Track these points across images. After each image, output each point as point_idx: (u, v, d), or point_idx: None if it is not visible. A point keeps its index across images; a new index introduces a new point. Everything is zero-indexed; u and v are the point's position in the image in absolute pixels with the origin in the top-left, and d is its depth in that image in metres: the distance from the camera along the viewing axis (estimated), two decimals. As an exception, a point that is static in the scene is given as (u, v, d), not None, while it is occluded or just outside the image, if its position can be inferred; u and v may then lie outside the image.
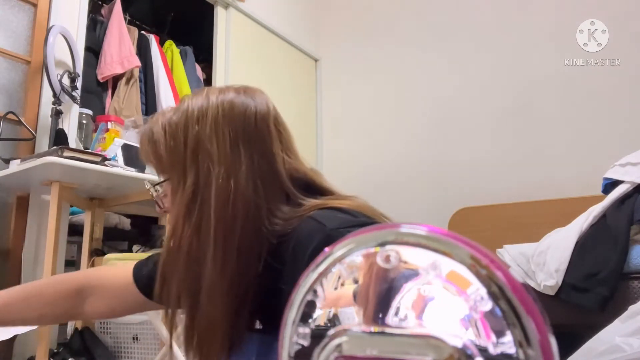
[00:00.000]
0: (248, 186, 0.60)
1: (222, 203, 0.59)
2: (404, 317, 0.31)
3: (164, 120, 0.64)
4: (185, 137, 0.62)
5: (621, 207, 1.54)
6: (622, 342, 1.00)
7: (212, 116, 0.62)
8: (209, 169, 0.61)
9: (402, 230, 0.32)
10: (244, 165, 0.61)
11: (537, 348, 0.26)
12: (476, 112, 2.80)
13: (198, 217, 0.60)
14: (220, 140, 0.62)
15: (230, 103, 0.64)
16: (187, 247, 0.60)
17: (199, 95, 0.66)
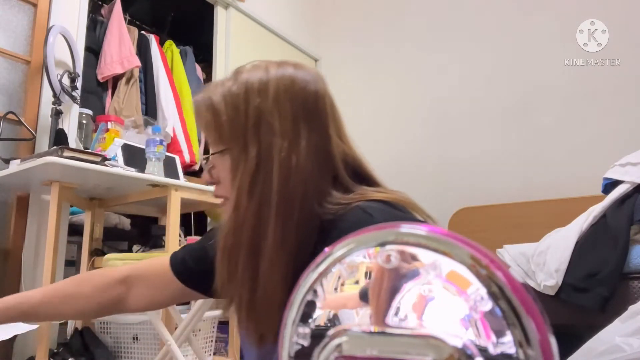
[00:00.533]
0: (307, 164, 0.61)
1: (284, 178, 0.60)
2: (404, 317, 0.31)
3: (224, 90, 0.64)
4: (247, 108, 0.62)
5: (621, 207, 1.54)
6: (622, 342, 0.99)
7: (273, 89, 0.62)
8: (271, 143, 0.61)
9: (402, 230, 0.32)
10: (303, 141, 0.62)
11: (537, 348, 0.26)
12: (476, 112, 2.80)
13: (261, 191, 0.60)
14: (282, 115, 0.62)
15: (290, 78, 0.64)
16: (251, 220, 0.60)
17: (257, 67, 0.65)
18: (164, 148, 1.78)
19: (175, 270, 0.79)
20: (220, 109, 0.63)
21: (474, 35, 2.89)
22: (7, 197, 1.83)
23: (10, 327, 0.84)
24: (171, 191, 1.65)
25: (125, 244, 2.23)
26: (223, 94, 0.64)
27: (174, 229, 1.64)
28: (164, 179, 1.69)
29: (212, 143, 0.66)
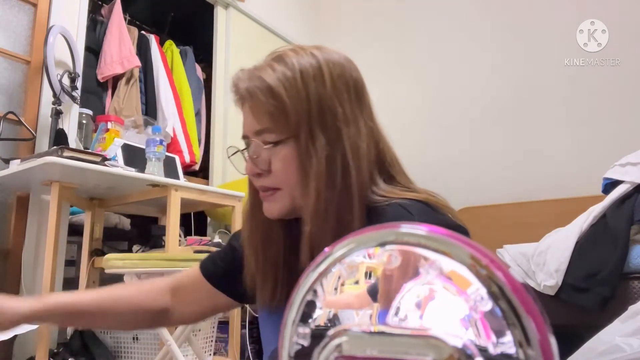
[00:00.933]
0: (370, 149, 0.62)
1: (357, 164, 0.60)
2: (404, 317, 0.31)
3: (278, 75, 0.60)
4: (307, 94, 0.60)
5: (621, 207, 1.54)
6: (622, 342, 0.99)
7: (327, 75, 0.61)
8: (339, 129, 0.60)
9: (402, 230, 0.32)
10: (362, 127, 0.62)
11: (537, 348, 0.26)
12: (476, 113, 2.80)
13: (341, 178, 0.59)
14: (342, 100, 0.61)
15: (339, 64, 0.64)
16: (335, 207, 0.59)
17: (300, 52, 0.63)
18: (164, 148, 1.78)
19: (205, 273, 0.78)
20: (281, 93, 0.60)
21: (474, 36, 2.89)
22: (7, 197, 1.83)
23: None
24: (171, 191, 1.65)
25: (125, 244, 2.23)
26: (279, 78, 0.60)
27: (174, 229, 1.64)
28: (164, 179, 1.69)
29: (263, 132, 0.62)
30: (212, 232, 2.51)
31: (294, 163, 0.61)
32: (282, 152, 0.62)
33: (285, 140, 0.61)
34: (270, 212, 0.66)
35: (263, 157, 0.63)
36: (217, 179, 2.65)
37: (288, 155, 0.61)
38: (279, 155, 0.62)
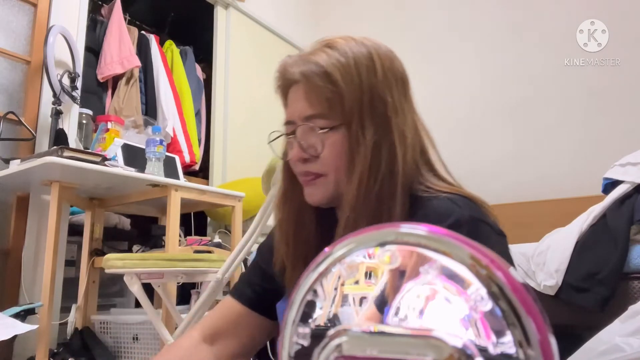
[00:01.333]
0: (415, 139, 0.64)
1: (404, 153, 0.61)
2: (404, 317, 0.31)
3: (334, 61, 0.61)
4: (360, 82, 0.61)
5: (621, 207, 1.54)
6: (622, 342, 0.99)
7: (379, 65, 0.63)
8: (388, 118, 0.61)
9: (401, 230, 0.32)
10: (408, 117, 0.64)
11: (537, 348, 0.26)
12: (475, 113, 2.80)
13: (387, 162, 0.60)
14: (392, 91, 0.63)
15: (388, 57, 0.65)
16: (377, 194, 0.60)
17: (350, 40, 0.64)
18: (164, 148, 1.78)
19: (245, 300, 0.75)
20: (337, 79, 0.60)
21: (474, 36, 2.89)
22: (7, 197, 1.83)
23: (10, 327, 0.83)
24: (171, 191, 1.65)
25: (125, 244, 2.23)
26: (334, 64, 0.61)
27: (174, 229, 1.64)
28: (164, 179, 1.69)
29: (315, 117, 0.63)
30: (212, 232, 2.51)
31: (344, 149, 0.62)
32: (332, 137, 0.62)
33: (337, 127, 0.62)
34: (313, 198, 0.66)
35: (312, 143, 0.63)
36: (217, 179, 2.65)
37: (338, 141, 0.62)
38: (329, 140, 0.62)
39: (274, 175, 1.05)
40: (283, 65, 0.67)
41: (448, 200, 0.59)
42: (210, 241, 2.12)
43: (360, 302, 0.33)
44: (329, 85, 0.61)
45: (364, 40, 0.65)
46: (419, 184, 0.63)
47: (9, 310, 1.35)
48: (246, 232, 1.18)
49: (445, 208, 0.58)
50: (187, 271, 1.32)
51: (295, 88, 0.66)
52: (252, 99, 2.97)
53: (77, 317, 1.77)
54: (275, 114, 2.92)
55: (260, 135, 2.95)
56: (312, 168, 0.64)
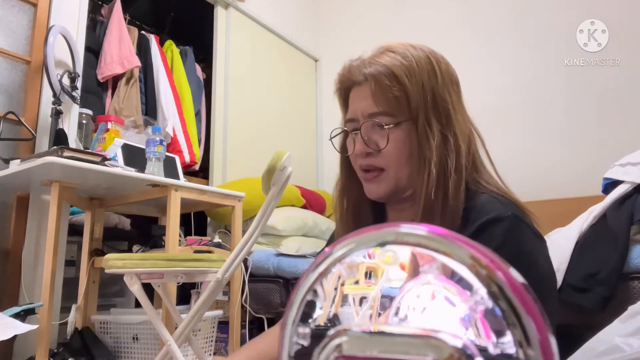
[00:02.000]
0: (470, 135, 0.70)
1: (467, 146, 0.67)
2: (404, 317, 0.31)
3: (398, 64, 0.67)
4: (423, 82, 0.66)
5: (621, 207, 1.54)
6: (622, 342, 0.99)
7: (437, 68, 0.69)
8: (450, 115, 0.67)
9: (402, 230, 0.32)
10: (465, 114, 0.71)
11: (537, 348, 0.26)
12: (475, 112, 2.79)
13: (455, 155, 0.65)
14: (450, 91, 0.69)
15: (444, 62, 0.71)
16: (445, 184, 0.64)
17: (408, 46, 0.71)
18: (164, 148, 1.78)
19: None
20: (404, 80, 0.66)
21: (473, 36, 2.89)
22: (7, 197, 1.83)
23: (10, 327, 0.83)
24: (171, 191, 1.65)
25: (125, 244, 2.23)
26: (399, 66, 0.67)
27: (174, 229, 1.64)
28: (164, 179, 1.69)
29: (382, 114, 0.67)
30: (212, 232, 2.51)
31: (408, 144, 0.67)
32: (396, 133, 0.67)
33: (402, 123, 0.67)
34: (374, 193, 0.71)
35: (374, 138, 0.68)
36: (217, 179, 2.65)
37: (401, 137, 0.67)
38: (393, 135, 0.67)
39: (274, 175, 1.05)
40: (347, 68, 0.73)
41: (494, 198, 0.64)
42: (210, 241, 2.13)
43: (360, 302, 0.33)
44: (396, 84, 0.66)
45: (421, 46, 0.72)
46: (473, 180, 0.69)
47: (9, 310, 1.35)
48: (246, 232, 1.17)
49: (490, 203, 0.63)
50: (187, 271, 1.32)
51: (358, 89, 0.71)
52: (252, 99, 2.97)
53: (77, 317, 1.77)
54: (275, 114, 2.94)
55: (260, 135, 2.95)
56: (374, 162, 0.69)
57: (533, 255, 0.62)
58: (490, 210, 0.62)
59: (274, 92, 3.16)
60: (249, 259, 2.16)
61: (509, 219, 0.60)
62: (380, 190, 0.70)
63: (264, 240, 2.34)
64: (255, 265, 2.14)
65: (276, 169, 1.01)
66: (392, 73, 0.66)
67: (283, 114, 3.18)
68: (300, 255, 2.10)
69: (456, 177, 0.65)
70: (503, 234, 0.60)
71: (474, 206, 0.64)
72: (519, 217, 0.62)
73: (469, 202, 0.65)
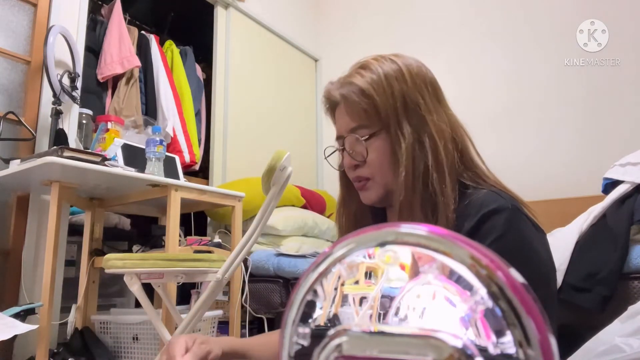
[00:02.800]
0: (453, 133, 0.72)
1: (442, 143, 0.70)
2: (404, 317, 0.31)
3: (367, 80, 0.72)
4: (392, 92, 0.71)
5: (621, 207, 1.54)
6: (621, 342, 0.99)
7: (407, 74, 0.72)
8: (422, 118, 0.70)
9: (401, 230, 0.32)
10: (442, 112, 0.73)
11: (537, 348, 0.26)
12: (475, 113, 2.80)
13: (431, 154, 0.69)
14: (422, 93, 0.72)
15: (416, 66, 0.75)
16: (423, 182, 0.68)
17: (381, 60, 0.74)
18: (164, 148, 1.78)
19: None
20: (372, 94, 0.71)
21: (473, 36, 2.89)
22: (7, 197, 1.83)
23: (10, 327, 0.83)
24: (171, 191, 1.65)
25: (125, 244, 2.23)
26: (368, 82, 0.72)
27: (174, 229, 1.64)
28: (164, 179, 1.69)
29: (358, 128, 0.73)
30: (212, 232, 2.51)
31: (387, 151, 0.72)
32: (375, 143, 0.72)
33: (377, 133, 0.72)
34: (367, 199, 0.76)
35: (358, 150, 0.74)
36: (217, 179, 2.65)
37: (380, 145, 0.72)
38: (373, 146, 0.73)
39: (274, 175, 1.05)
40: (327, 91, 0.78)
41: (492, 192, 0.67)
42: (210, 241, 2.13)
43: (360, 302, 0.33)
44: (364, 99, 0.71)
45: (393, 56, 0.75)
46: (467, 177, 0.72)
47: (9, 310, 1.35)
48: (246, 232, 1.17)
49: (490, 196, 0.66)
50: (187, 271, 1.32)
51: (338, 108, 0.77)
52: (252, 99, 2.97)
53: (77, 317, 1.77)
54: (275, 114, 2.94)
55: (260, 135, 2.95)
56: (362, 173, 0.75)
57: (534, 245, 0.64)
58: (491, 202, 0.64)
59: (274, 92, 3.16)
60: (249, 259, 2.16)
61: (510, 210, 0.63)
62: (372, 197, 0.76)
63: (264, 240, 2.34)
64: (255, 265, 2.14)
65: (276, 169, 1.01)
66: (360, 89, 0.71)
67: (283, 114, 3.18)
68: (300, 255, 2.10)
69: (438, 175, 0.68)
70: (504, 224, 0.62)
71: (475, 200, 0.66)
72: (519, 209, 0.65)
73: (469, 197, 0.67)
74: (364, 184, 0.76)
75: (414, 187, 0.68)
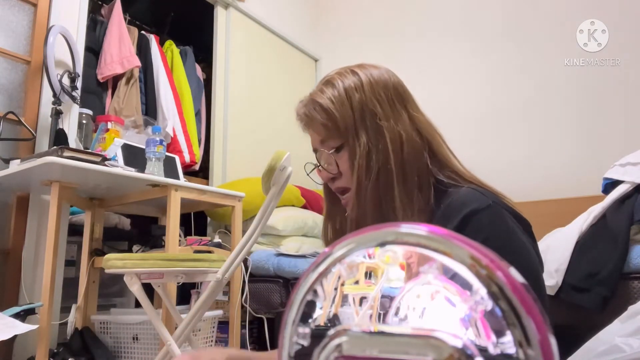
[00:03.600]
0: (413, 135, 0.73)
1: (399, 148, 0.71)
2: (404, 317, 0.31)
3: (327, 96, 0.75)
4: (351, 104, 0.73)
5: (621, 207, 1.54)
6: (621, 342, 0.99)
7: (366, 84, 0.74)
8: (378, 125, 0.72)
9: (402, 230, 0.32)
10: (404, 118, 0.74)
11: (537, 348, 0.26)
12: (475, 113, 2.80)
13: (380, 164, 0.71)
14: (381, 101, 0.74)
15: (377, 73, 0.76)
16: (374, 191, 0.70)
17: (343, 74, 0.77)
18: (164, 148, 1.78)
19: None
20: (330, 108, 0.74)
21: (473, 37, 2.89)
22: (7, 197, 1.83)
23: (10, 327, 0.83)
24: (171, 191, 1.65)
25: (125, 244, 2.23)
26: (328, 97, 0.75)
27: (174, 229, 1.64)
28: (164, 179, 1.69)
29: (325, 142, 0.76)
30: (212, 232, 2.51)
31: (349, 162, 0.74)
32: (342, 156, 0.75)
33: (342, 145, 0.75)
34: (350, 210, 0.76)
35: (331, 163, 0.77)
36: (217, 179, 2.65)
37: (346, 157, 0.74)
38: (341, 159, 0.75)
39: (274, 175, 1.05)
40: (296, 111, 0.81)
41: (471, 190, 0.68)
42: (210, 241, 2.13)
43: (360, 302, 0.33)
44: (324, 115, 0.74)
45: (356, 67, 0.77)
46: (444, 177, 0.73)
47: (9, 310, 1.35)
48: (246, 232, 1.18)
49: (469, 195, 0.66)
50: (187, 271, 1.32)
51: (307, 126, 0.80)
52: (252, 99, 2.97)
53: (77, 317, 1.77)
54: (275, 114, 2.95)
55: (260, 135, 2.95)
56: (340, 184, 0.77)
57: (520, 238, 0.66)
58: (471, 202, 0.65)
59: (274, 92, 3.16)
60: (249, 259, 2.16)
61: (491, 208, 0.64)
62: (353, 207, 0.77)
63: (264, 240, 2.34)
64: (255, 265, 2.14)
65: (276, 169, 1.01)
66: (320, 105, 0.75)
67: (283, 114, 3.18)
68: (300, 255, 2.10)
69: (387, 178, 0.70)
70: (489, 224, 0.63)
71: (456, 200, 0.67)
72: (499, 205, 0.66)
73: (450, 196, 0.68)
74: (344, 195, 0.77)
75: (364, 194, 0.71)
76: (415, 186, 0.70)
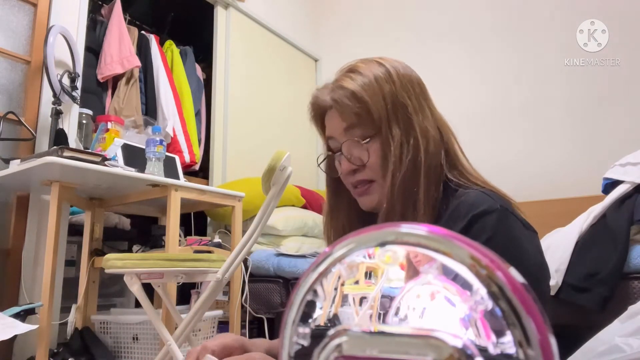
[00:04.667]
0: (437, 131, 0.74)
1: (425, 143, 0.71)
2: (404, 317, 0.31)
3: (358, 83, 0.72)
4: (383, 94, 0.71)
5: (621, 207, 1.54)
6: (621, 342, 0.99)
7: (395, 76, 0.73)
8: (409, 118, 0.72)
9: (402, 230, 0.32)
10: (429, 113, 0.74)
11: (537, 348, 0.26)
12: (475, 113, 2.80)
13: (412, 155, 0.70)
14: (410, 94, 0.73)
15: (402, 66, 0.76)
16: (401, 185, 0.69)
17: (369, 63, 0.75)
18: (164, 148, 1.78)
19: None
20: (364, 97, 0.71)
21: (473, 37, 2.89)
22: (7, 197, 1.83)
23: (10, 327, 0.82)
24: (171, 191, 1.65)
25: (125, 244, 2.23)
26: (359, 85, 0.72)
27: (174, 229, 1.64)
28: (164, 179, 1.69)
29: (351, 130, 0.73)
30: (212, 232, 2.51)
31: (384, 154, 0.72)
32: (374, 145, 0.72)
33: (374, 136, 0.72)
34: (368, 204, 0.75)
35: (356, 154, 0.74)
36: (217, 179, 2.65)
37: (379, 147, 0.72)
38: (372, 148, 0.73)
39: (274, 175, 1.05)
40: (315, 97, 0.78)
41: (481, 192, 0.67)
42: (210, 241, 2.13)
43: (360, 302, 0.33)
44: (357, 103, 0.71)
45: (379, 59, 0.76)
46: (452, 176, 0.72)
47: (9, 310, 1.35)
48: (246, 232, 1.17)
49: (478, 198, 0.66)
50: (187, 271, 1.32)
51: (329, 113, 0.77)
52: (252, 99, 2.97)
53: (77, 317, 1.77)
54: (275, 114, 2.95)
55: (260, 135, 2.95)
56: (362, 176, 0.74)
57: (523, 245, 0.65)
58: (480, 204, 0.64)
59: (274, 92, 3.16)
60: (249, 259, 2.16)
61: (499, 211, 0.64)
62: (374, 201, 0.74)
63: (264, 240, 2.34)
64: (255, 265, 2.14)
65: (276, 169, 1.01)
66: (352, 92, 0.71)
67: (283, 114, 3.18)
68: (300, 255, 2.10)
69: (414, 172, 0.69)
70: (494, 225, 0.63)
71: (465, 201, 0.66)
72: (508, 210, 0.66)
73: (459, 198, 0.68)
74: (366, 188, 0.74)
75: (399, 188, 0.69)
76: (433, 182, 0.70)
